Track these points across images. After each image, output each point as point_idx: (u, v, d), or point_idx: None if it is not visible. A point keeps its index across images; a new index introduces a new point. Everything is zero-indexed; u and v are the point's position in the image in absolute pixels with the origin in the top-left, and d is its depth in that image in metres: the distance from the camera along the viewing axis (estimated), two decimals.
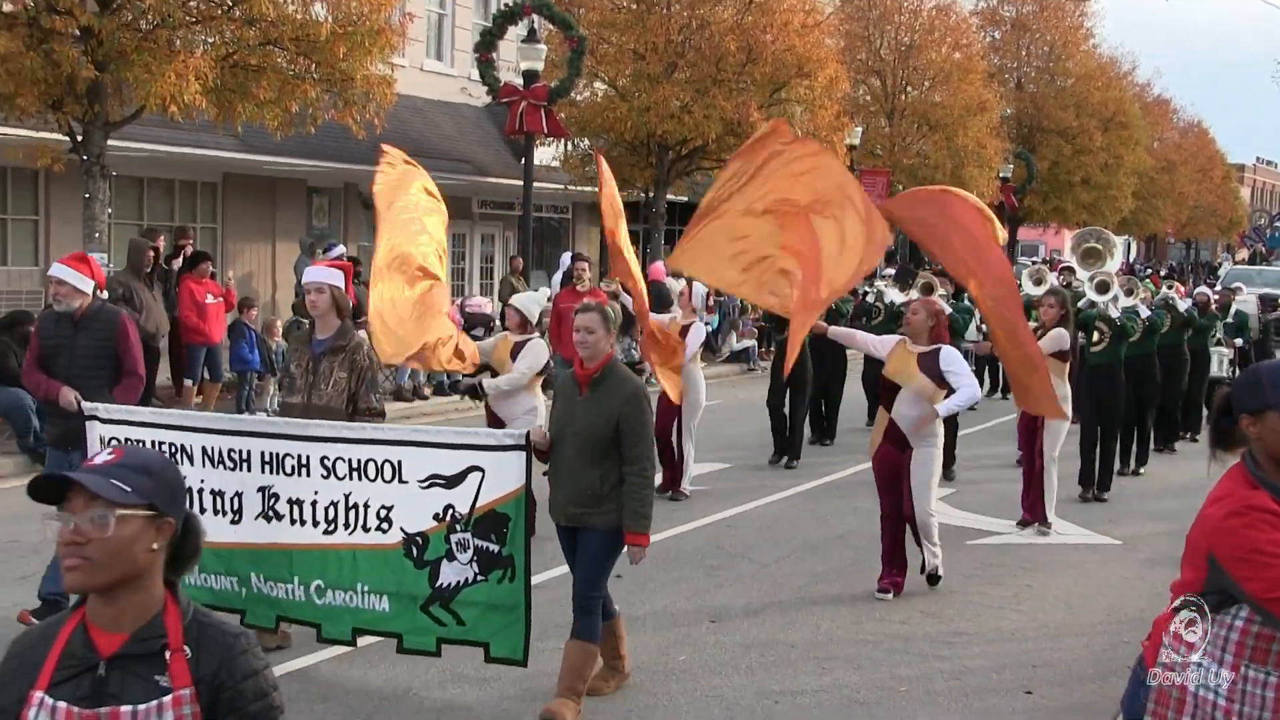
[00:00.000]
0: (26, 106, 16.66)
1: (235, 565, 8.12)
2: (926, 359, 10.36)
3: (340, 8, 17.67)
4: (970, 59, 41.82)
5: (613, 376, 7.60)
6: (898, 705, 8.35)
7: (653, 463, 7.70)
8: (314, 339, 8.94)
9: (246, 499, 8.04)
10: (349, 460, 7.74)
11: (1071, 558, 12.64)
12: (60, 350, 9.14)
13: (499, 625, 7.49)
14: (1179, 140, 69.97)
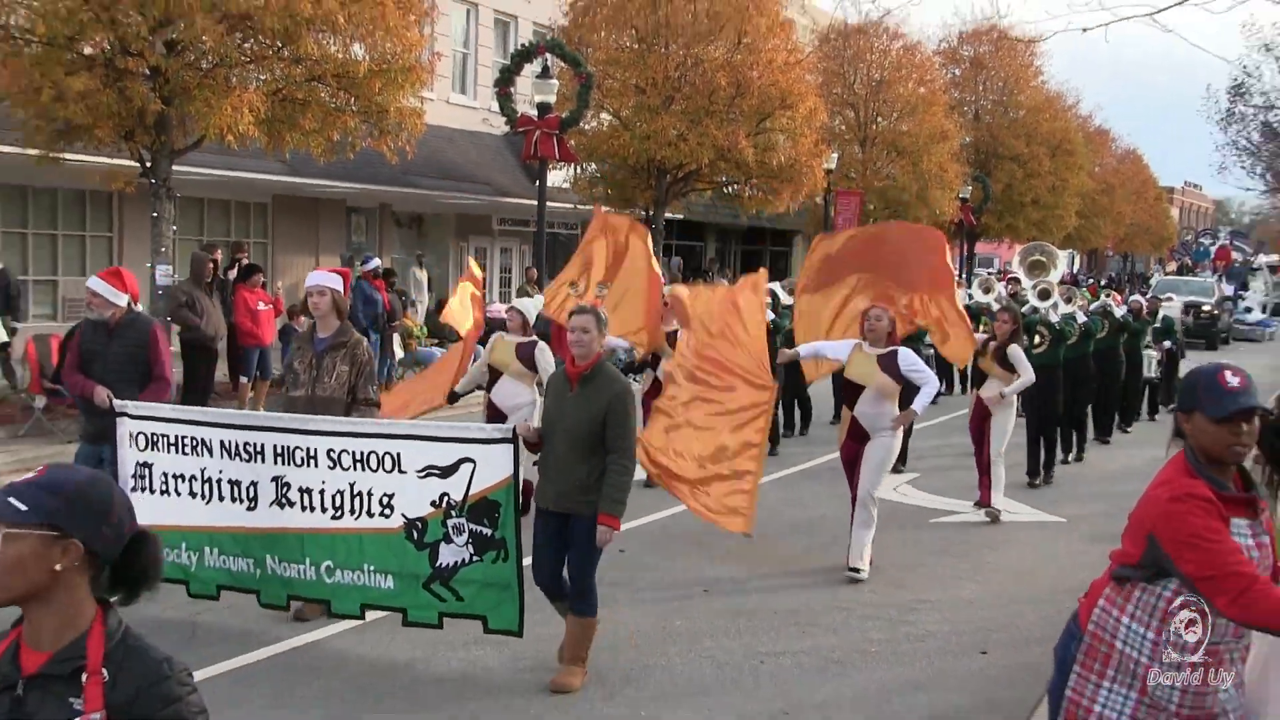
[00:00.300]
0: (103, 137, 16.71)
1: (251, 548, 8.13)
2: (885, 360, 10.30)
3: (376, 48, 17.70)
4: (933, 93, 41.78)
5: (602, 375, 7.41)
6: (869, 664, 8.40)
7: (633, 455, 7.53)
8: (316, 337, 8.87)
9: (261, 488, 8.03)
10: (353, 452, 7.72)
11: (1022, 534, 12.68)
12: (96, 354, 9.14)
13: (495, 600, 7.46)
14: (1117, 166, 69.90)
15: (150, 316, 10.25)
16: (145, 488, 8.41)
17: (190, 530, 8.33)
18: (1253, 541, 4.26)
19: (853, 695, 7.79)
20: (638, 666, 8.08)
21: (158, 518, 8.22)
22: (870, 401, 10.32)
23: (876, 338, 10.42)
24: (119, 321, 9.17)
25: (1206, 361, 4.67)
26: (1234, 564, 4.18)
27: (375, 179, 25.07)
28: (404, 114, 18.50)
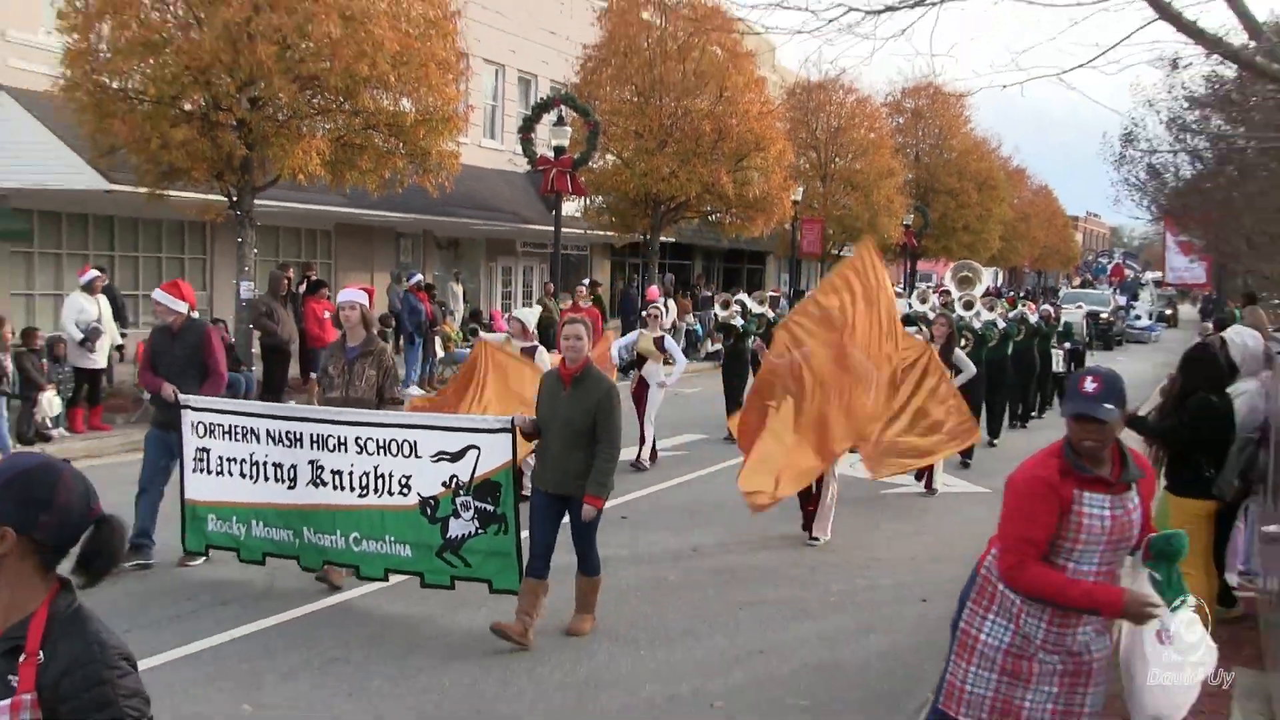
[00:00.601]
0: (198, 177, 16.78)
1: (291, 522, 8.16)
2: None
3: (421, 102, 17.73)
4: (881, 138, 41.81)
5: (590, 376, 7.25)
6: (829, 611, 8.46)
7: (618, 445, 7.29)
8: (347, 347, 8.71)
9: (300, 470, 8.05)
10: (377, 440, 7.72)
11: (955, 504, 12.75)
12: (162, 355, 9.06)
13: (498, 566, 7.43)
14: (1032, 198, 69.94)
15: (205, 321, 10.14)
16: (204, 469, 8.53)
17: (241, 506, 8.41)
18: (1108, 513, 4.26)
19: (816, 636, 7.85)
20: (639, 614, 8.14)
21: (215, 494, 8.51)
22: None
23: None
24: (180, 327, 9.10)
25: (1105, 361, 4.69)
26: (1023, 540, 4.30)
27: (419, 209, 25.08)
28: (443, 156, 18.54)
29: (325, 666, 6.88)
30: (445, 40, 17.89)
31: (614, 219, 30.09)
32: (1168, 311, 61.12)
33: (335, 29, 15.69)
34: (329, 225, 26.38)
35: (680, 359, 14.52)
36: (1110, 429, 4.21)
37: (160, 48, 15.79)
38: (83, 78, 16.03)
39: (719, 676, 6.97)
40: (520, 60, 32.54)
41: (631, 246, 34.27)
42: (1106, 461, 4.28)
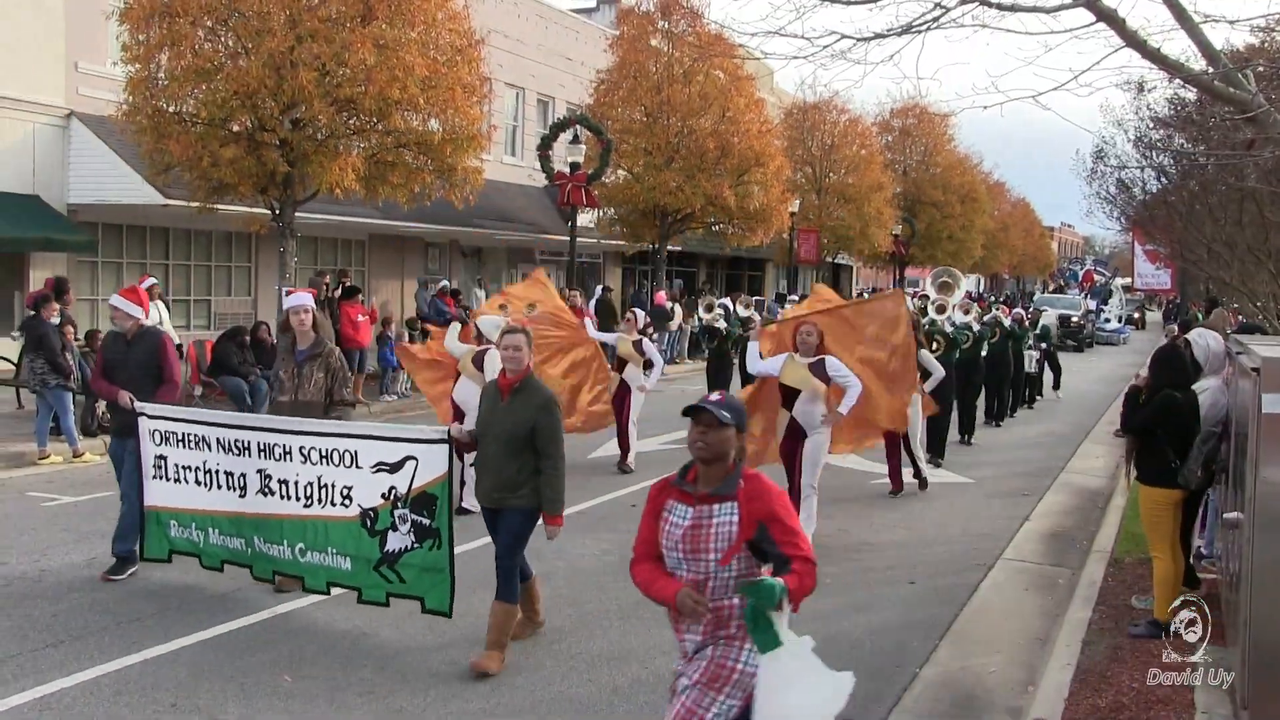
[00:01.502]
0: (244, 192, 16.88)
1: (243, 530, 7.54)
2: (815, 367, 9.52)
3: (448, 122, 17.77)
4: (872, 154, 41.77)
5: (530, 386, 6.51)
6: (823, 593, 8.33)
7: (563, 457, 6.51)
8: (296, 349, 8.04)
9: (249, 478, 7.44)
10: (320, 449, 7.09)
11: (940, 492, 12.68)
12: (118, 363, 8.33)
13: (431, 584, 6.72)
14: (1011, 210, 69.80)
15: (160, 329, 9.22)
16: (163, 476, 7.95)
17: (198, 513, 7.82)
18: (687, 523, 4.07)
19: (811, 616, 7.77)
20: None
21: (174, 501, 7.92)
22: (807, 400, 9.53)
23: (807, 350, 9.61)
24: (135, 334, 8.38)
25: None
26: (639, 540, 4.26)
27: (446, 221, 25.10)
28: (468, 171, 18.59)
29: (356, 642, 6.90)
30: (470, 66, 17.93)
31: (625, 229, 30.11)
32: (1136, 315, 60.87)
33: (370, 56, 15.76)
34: (363, 235, 26.43)
35: (658, 361, 13.84)
36: (720, 438, 4.01)
37: (212, 75, 15.88)
38: (143, 103, 16.15)
39: None
40: (539, 84, 32.55)
41: (641, 254, 34.30)
42: (716, 478, 4.07)
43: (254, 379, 15.30)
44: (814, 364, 9.55)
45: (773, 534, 4.01)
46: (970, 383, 16.02)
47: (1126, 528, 10.16)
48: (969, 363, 15.82)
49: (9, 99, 18.87)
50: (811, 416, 9.54)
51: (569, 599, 7.89)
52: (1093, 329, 44.61)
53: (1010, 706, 6.25)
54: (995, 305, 22.14)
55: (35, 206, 19.31)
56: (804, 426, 9.58)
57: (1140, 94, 17.38)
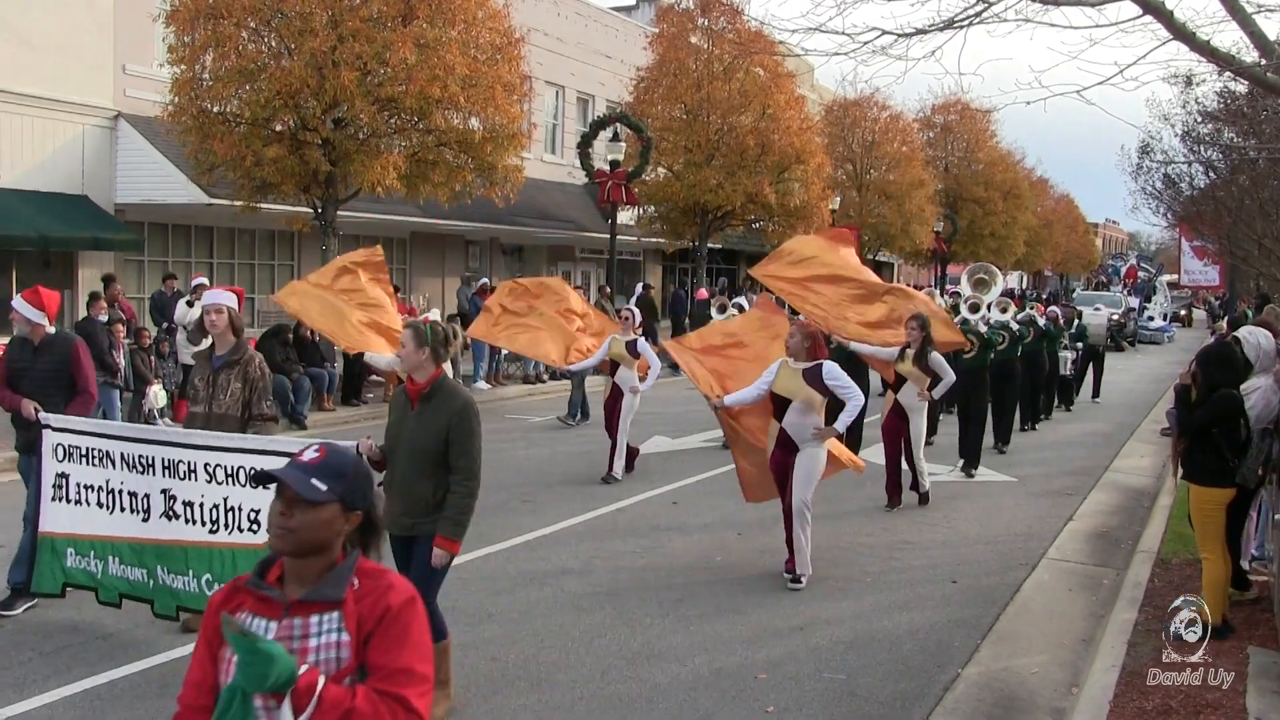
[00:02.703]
0: (287, 191, 17.02)
1: (145, 559, 6.54)
2: (810, 374, 8.42)
3: (488, 121, 17.82)
4: (913, 151, 41.43)
5: (442, 392, 5.67)
6: (865, 590, 8.40)
7: (476, 475, 5.66)
8: (214, 355, 7.17)
9: (153, 499, 6.50)
10: (225, 467, 6.21)
11: (982, 490, 12.60)
12: (23, 371, 7.51)
13: None
14: (1054, 206, 69.04)
15: (72, 335, 8.42)
16: (63, 497, 6.97)
17: (98, 539, 6.81)
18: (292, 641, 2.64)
19: (852, 613, 7.79)
20: (687, 591, 8.13)
21: (73, 526, 6.94)
22: (798, 412, 8.42)
23: (795, 353, 8.53)
24: (41, 340, 7.57)
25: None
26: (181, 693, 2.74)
27: (487, 219, 25.21)
28: (508, 170, 18.64)
29: None
30: (510, 64, 17.98)
31: (665, 227, 30.07)
32: (1183, 313, 59.86)
33: (411, 56, 15.84)
34: (405, 234, 26.58)
35: (655, 363, 12.69)
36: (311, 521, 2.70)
37: (255, 75, 16.02)
38: (188, 103, 16.33)
39: (762, 650, 6.94)
40: (578, 82, 32.59)
41: (681, 252, 34.23)
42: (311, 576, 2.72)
43: (297, 376, 15.42)
44: (809, 370, 8.48)
45: (370, 656, 2.63)
46: (1007, 386, 15.18)
47: (1173, 528, 10.01)
48: (1005, 365, 15.01)
49: (60, 102, 19.15)
50: (804, 429, 8.46)
51: (609, 595, 7.88)
52: (1135, 327, 43.34)
53: (1054, 708, 6.18)
54: (1030, 303, 20.98)
55: (84, 206, 19.59)
56: (795, 440, 8.48)
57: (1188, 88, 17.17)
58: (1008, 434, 15.45)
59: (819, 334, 8.73)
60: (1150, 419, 19.17)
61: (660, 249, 33.77)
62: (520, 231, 28.43)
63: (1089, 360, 21.84)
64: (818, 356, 8.50)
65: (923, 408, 11.32)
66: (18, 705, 5.72)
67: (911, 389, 11.24)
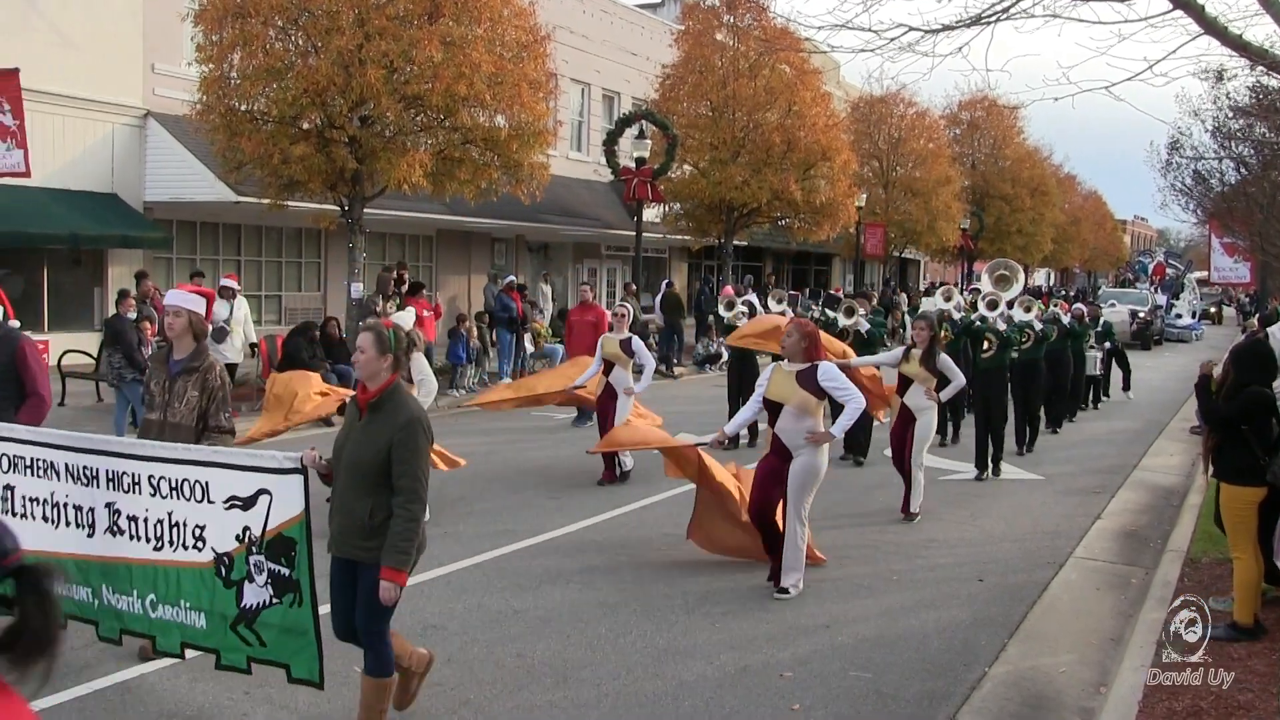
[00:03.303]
0: (314, 189, 17.09)
1: (90, 577, 5.93)
2: (805, 376, 7.91)
3: (514, 118, 17.84)
4: (939, 148, 41.29)
5: (391, 402, 5.15)
6: (891, 589, 8.37)
7: (421, 497, 5.14)
8: (171, 359, 6.53)
9: (97, 514, 5.90)
10: (170, 479, 5.63)
11: (1008, 489, 12.52)
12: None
13: (295, 647, 5.29)
14: (1082, 203, 68.67)
15: (19, 332, 7.57)
16: (9, 510, 6.30)
17: (44, 556, 5.61)
18: None
19: (879, 612, 7.77)
20: (714, 589, 8.10)
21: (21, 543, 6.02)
22: (792, 417, 7.93)
23: (791, 353, 8.06)
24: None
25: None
26: None
27: (513, 216, 25.28)
28: (534, 167, 18.65)
29: (424, 635, 6.95)
30: (536, 62, 18.00)
31: (691, 224, 30.06)
32: (1213, 310, 59.23)
33: (437, 54, 15.88)
34: (431, 231, 26.68)
35: (649, 363, 12.06)
36: None
37: (282, 73, 16.11)
38: (216, 102, 16.44)
39: (788, 648, 6.92)
40: (604, 79, 32.62)
41: (707, 249, 34.21)
42: None
43: (323, 373, 15.49)
44: (804, 372, 7.95)
45: None
46: (1031, 387, 14.68)
47: (1203, 527, 9.92)
48: (1029, 365, 14.48)
49: (91, 101, 19.33)
50: (798, 435, 7.93)
51: (635, 592, 7.88)
52: (1162, 325, 42.50)
53: (1082, 708, 6.13)
54: (1055, 301, 20.33)
55: (114, 204, 19.77)
56: (789, 446, 7.98)
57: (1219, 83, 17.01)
58: (1034, 437, 14.97)
59: (817, 333, 8.30)
60: (1179, 417, 19.01)
61: (686, 246, 33.78)
62: (546, 229, 28.49)
63: (1112, 358, 21.45)
64: (815, 357, 8.04)
65: (931, 410, 10.76)
66: (49, 699, 5.64)
67: (918, 391, 10.72)
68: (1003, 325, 13.48)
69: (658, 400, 19.14)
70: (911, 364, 10.78)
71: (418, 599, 7.44)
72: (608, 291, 33.72)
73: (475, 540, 9.23)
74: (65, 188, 19.05)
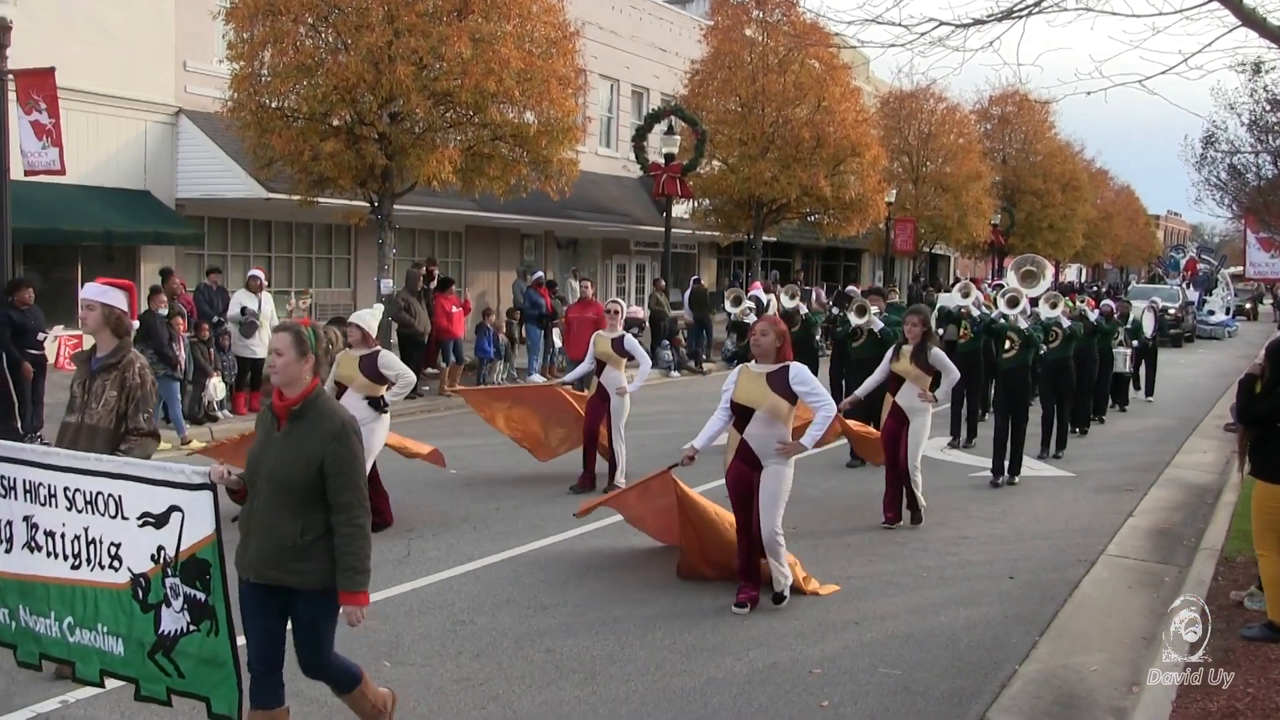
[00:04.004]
0: (344, 185, 17.17)
1: (6, 597, 5.38)
2: (776, 378, 7.32)
3: (543, 115, 17.86)
4: (970, 143, 41.04)
5: (314, 410, 4.67)
6: (920, 586, 8.33)
7: (365, 506, 4.67)
8: (93, 357, 6.09)
9: (15, 528, 5.32)
10: (85, 492, 5.06)
11: (1039, 485, 12.43)
12: None
13: (215, 680, 4.72)
14: (1114, 198, 68.03)
15: None
16: None
17: None
18: None
19: (907, 609, 7.73)
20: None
21: None
22: (762, 424, 7.32)
23: (764, 354, 7.40)
24: None
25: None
26: None
27: (542, 212, 25.30)
28: (563, 163, 18.66)
29: (453, 630, 6.97)
30: (565, 58, 18.00)
31: (720, 220, 30.02)
32: (1248, 306, 58.48)
33: (466, 50, 15.91)
34: (460, 227, 26.76)
35: (645, 360, 11.50)
36: None
37: (313, 70, 16.18)
38: (247, 99, 16.54)
39: (816, 645, 6.90)
40: (633, 75, 32.60)
41: (736, 245, 34.19)
42: None
43: None
44: (774, 374, 7.36)
45: None
46: (1060, 386, 14.18)
47: (1237, 525, 9.81)
48: (1056, 364, 13.99)
49: (124, 99, 19.49)
50: (769, 442, 7.33)
51: (664, 588, 7.88)
52: (1193, 322, 41.40)
53: (1114, 707, 6.08)
54: (1082, 298, 19.30)
55: (146, 201, 19.94)
56: (759, 454, 7.36)
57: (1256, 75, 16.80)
58: (1062, 440, 14.43)
59: (788, 332, 7.65)
60: (1213, 414, 18.82)
61: (715, 242, 33.74)
62: (575, 225, 28.51)
63: (1141, 357, 20.78)
64: (786, 358, 7.44)
65: (926, 411, 10.05)
66: (86, 689, 5.56)
67: (911, 390, 10.04)
68: (1024, 323, 12.65)
69: (686, 397, 19.14)
70: (903, 361, 10.16)
71: (446, 594, 7.46)
72: (636, 287, 33.72)
73: (504, 536, 9.25)
74: (99, 185, 19.23)
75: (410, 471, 11.03)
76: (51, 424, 12.81)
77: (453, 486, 11.01)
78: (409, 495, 10.74)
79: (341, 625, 4.78)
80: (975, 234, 40.57)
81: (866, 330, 13.70)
